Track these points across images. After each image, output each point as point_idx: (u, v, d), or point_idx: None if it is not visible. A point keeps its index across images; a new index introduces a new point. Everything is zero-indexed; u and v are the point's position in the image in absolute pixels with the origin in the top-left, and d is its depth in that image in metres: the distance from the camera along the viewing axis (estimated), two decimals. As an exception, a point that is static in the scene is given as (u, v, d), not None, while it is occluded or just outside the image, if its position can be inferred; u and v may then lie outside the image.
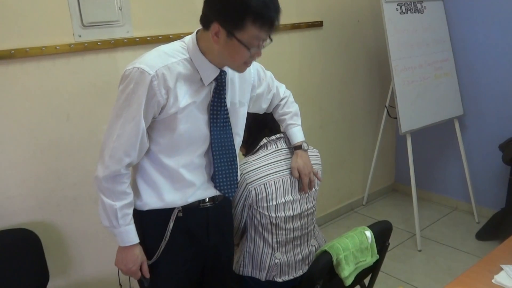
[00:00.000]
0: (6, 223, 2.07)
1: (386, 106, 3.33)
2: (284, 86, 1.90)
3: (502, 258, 1.66)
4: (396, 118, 2.97)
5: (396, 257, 2.99)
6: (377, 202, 3.79)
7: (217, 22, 1.33)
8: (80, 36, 2.13)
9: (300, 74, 3.05)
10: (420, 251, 3.04)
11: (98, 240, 2.35)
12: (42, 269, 2.04)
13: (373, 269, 1.91)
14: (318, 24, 3.04)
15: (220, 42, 1.35)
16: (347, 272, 1.62)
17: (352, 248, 1.65)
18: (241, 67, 1.44)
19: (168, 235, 1.53)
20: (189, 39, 1.45)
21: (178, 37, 2.38)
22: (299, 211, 1.88)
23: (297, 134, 1.83)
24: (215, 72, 1.45)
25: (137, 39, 2.28)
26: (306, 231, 1.93)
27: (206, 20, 1.37)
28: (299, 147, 1.82)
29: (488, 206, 3.34)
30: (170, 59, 1.39)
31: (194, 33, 1.46)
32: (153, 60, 1.37)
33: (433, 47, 3.10)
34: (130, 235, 1.48)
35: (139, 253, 1.51)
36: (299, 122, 1.86)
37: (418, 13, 3.02)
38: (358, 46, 3.35)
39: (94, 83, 2.21)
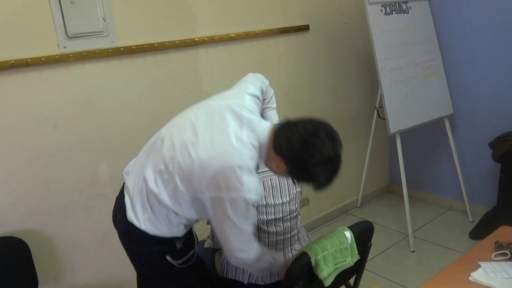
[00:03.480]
0: (-3, 232, 2.10)
1: (376, 107, 3.34)
2: (255, 75, 1.90)
3: (482, 255, 1.67)
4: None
5: (389, 258, 2.99)
6: (372, 203, 3.79)
7: (286, 166, 1.50)
8: (65, 47, 2.16)
9: (288, 78, 3.07)
10: (413, 251, 3.04)
11: (90, 248, 2.38)
12: (31, 277, 2.07)
13: (357, 270, 1.92)
14: (305, 28, 3.07)
15: (279, 167, 1.53)
16: (326, 272, 1.63)
17: (330, 248, 1.66)
18: None
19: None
20: (264, 140, 1.53)
21: (163, 45, 2.45)
22: (281, 215, 1.90)
23: (273, 117, 1.92)
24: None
25: (122, 49, 2.31)
26: (290, 235, 1.95)
27: (278, 150, 1.50)
28: None
29: (481, 205, 3.32)
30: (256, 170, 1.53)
31: (269, 133, 1.54)
32: (258, 188, 1.50)
33: (420, 46, 3.11)
34: (280, 260, 1.78)
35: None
36: (275, 105, 1.97)
37: (403, 13, 3.04)
38: (346, 48, 3.36)
39: (81, 93, 2.24)
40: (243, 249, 1.56)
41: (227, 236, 1.53)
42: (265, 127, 1.55)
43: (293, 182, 1.61)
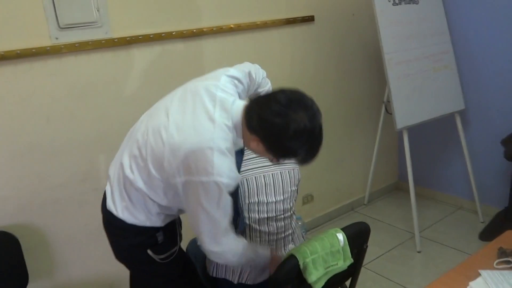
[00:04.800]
0: (-13, 226, 2.07)
1: (384, 102, 3.22)
2: (249, 63, 1.82)
3: (483, 262, 1.56)
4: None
5: (393, 258, 2.89)
6: (380, 201, 3.68)
7: (264, 145, 1.42)
8: (57, 38, 2.11)
9: (291, 71, 2.97)
10: (419, 252, 2.93)
11: (83, 242, 2.34)
12: (21, 271, 2.04)
13: (353, 273, 1.84)
14: (309, 19, 2.96)
15: (258, 146, 1.44)
16: (315, 276, 1.54)
17: (321, 251, 1.58)
18: None
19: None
20: (238, 119, 1.46)
21: (159, 36, 2.38)
22: (274, 213, 1.82)
23: None
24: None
25: (116, 40, 2.25)
26: (283, 235, 1.87)
27: (253, 130, 1.41)
28: None
29: (493, 205, 3.18)
30: (232, 153, 1.46)
31: (242, 112, 1.45)
32: (232, 171, 1.43)
33: (431, 39, 2.97)
34: (265, 255, 1.71)
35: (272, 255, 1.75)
36: None
37: (413, 3, 2.90)
38: (353, 40, 3.25)
39: (74, 84, 2.19)
40: (216, 241, 1.49)
41: (200, 224, 1.47)
42: (238, 106, 1.47)
43: (277, 161, 1.52)
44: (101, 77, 2.26)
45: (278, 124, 1.35)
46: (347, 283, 1.91)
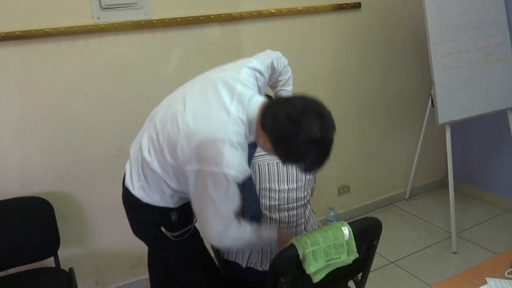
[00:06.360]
0: (29, 191, 2.23)
1: (431, 95, 3.06)
2: (271, 51, 1.81)
3: (494, 269, 1.47)
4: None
5: (426, 257, 2.78)
6: (422, 197, 3.52)
7: (271, 144, 1.42)
8: (98, 18, 2.21)
9: (333, 60, 2.90)
10: (455, 253, 2.79)
11: (115, 214, 2.44)
12: (53, 236, 2.19)
13: (363, 268, 1.80)
14: (356, 6, 2.86)
15: (266, 144, 1.45)
16: (313, 268, 1.53)
17: (322, 243, 1.56)
18: None
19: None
20: (254, 115, 1.47)
21: (197, 19, 2.41)
22: (286, 201, 1.81)
23: None
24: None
25: (155, 21, 2.31)
26: (295, 224, 1.86)
27: (265, 128, 1.42)
28: None
29: (544, 210, 2.96)
30: (244, 147, 1.47)
31: (259, 109, 1.46)
32: (241, 165, 1.44)
33: (485, 29, 2.77)
34: (270, 237, 1.71)
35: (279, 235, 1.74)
36: (290, 88, 1.88)
37: (468, -9, 2.72)
38: (403, 29, 3.09)
39: (112, 63, 2.29)
40: (218, 232, 1.51)
41: (205, 213, 1.50)
42: (256, 102, 1.48)
43: (283, 163, 1.52)
44: (138, 58, 2.34)
45: (289, 129, 1.35)
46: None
